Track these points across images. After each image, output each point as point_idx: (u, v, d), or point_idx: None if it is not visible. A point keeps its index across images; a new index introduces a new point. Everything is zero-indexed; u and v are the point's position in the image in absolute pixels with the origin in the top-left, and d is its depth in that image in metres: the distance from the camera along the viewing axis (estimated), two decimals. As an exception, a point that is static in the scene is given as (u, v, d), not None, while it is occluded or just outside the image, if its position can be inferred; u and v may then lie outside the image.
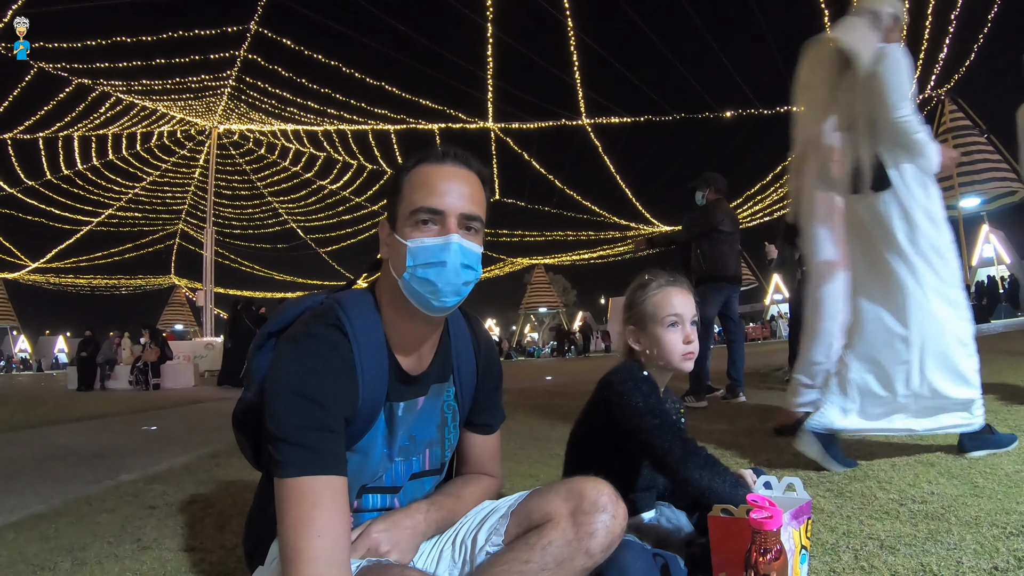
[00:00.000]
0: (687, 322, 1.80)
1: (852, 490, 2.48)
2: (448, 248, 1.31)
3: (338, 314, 1.36)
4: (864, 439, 3.39)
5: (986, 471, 2.53)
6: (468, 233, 1.35)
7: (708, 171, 6.75)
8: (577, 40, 25.34)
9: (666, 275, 1.88)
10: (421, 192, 1.34)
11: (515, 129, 32.50)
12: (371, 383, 1.35)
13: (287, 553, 1.17)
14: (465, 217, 1.34)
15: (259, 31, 26.36)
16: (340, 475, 1.24)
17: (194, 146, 41.46)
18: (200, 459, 4.60)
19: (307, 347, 1.30)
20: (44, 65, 25.53)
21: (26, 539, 2.70)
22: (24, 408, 10.72)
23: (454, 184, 1.35)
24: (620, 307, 2.03)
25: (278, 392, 1.25)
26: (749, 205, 35.94)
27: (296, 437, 1.21)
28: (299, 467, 1.20)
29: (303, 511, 1.18)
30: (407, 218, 1.34)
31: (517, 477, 3.28)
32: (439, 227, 1.33)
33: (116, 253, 45.40)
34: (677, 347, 1.79)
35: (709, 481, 1.55)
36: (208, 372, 24.29)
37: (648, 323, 1.83)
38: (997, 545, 1.75)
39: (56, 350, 56.59)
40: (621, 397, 1.76)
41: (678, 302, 1.81)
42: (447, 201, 1.33)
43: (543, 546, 1.32)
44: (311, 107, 31.35)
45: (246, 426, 1.48)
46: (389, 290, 1.40)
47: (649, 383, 1.77)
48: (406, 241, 1.33)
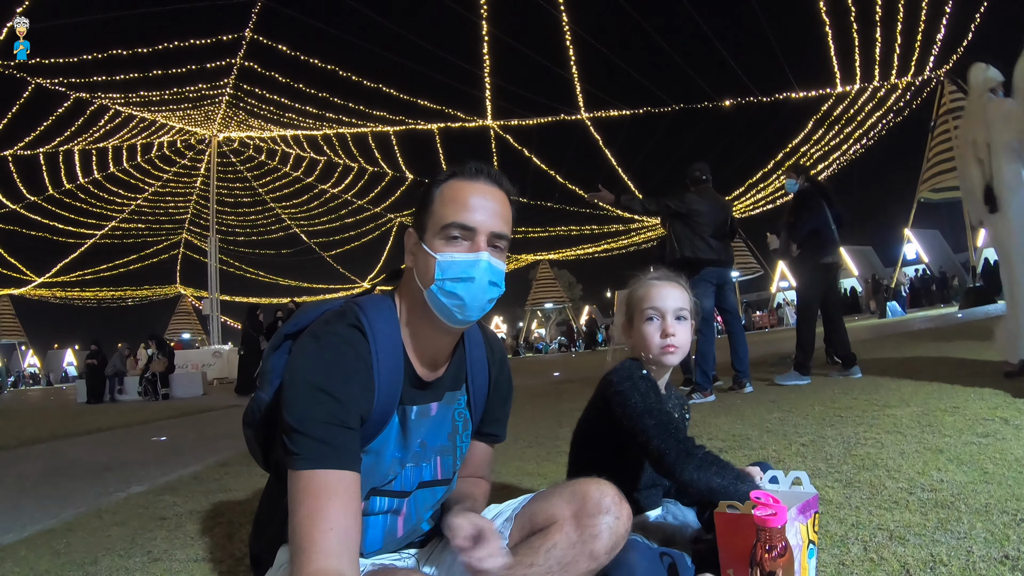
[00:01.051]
0: (668, 315, 1.79)
1: (861, 480, 2.46)
2: (477, 265, 1.33)
3: (359, 315, 1.37)
4: (876, 428, 3.38)
5: (995, 456, 2.51)
6: (495, 251, 1.37)
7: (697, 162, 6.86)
8: (573, 34, 25.28)
9: (659, 271, 1.89)
10: (453, 207, 1.35)
11: (514, 126, 32.46)
12: (387, 385, 1.35)
13: (298, 544, 1.17)
14: (495, 236, 1.36)
15: (254, 38, 26.45)
16: (354, 471, 1.25)
17: (194, 155, 41.65)
18: (209, 468, 4.62)
19: (328, 343, 1.31)
20: (42, 80, 25.63)
21: (37, 555, 2.71)
22: (34, 423, 10.77)
23: (486, 202, 1.36)
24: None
25: (297, 385, 1.26)
26: (752, 193, 35.80)
27: (313, 430, 1.22)
28: (314, 460, 1.21)
29: (317, 503, 1.18)
30: (437, 231, 1.35)
31: (524, 476, 3.28)
32: (469, 243, 1.34)
33: (121, 265, 45.48)
34: (654, 340, 1.78)
35: (707, 481, 1.54)
36: (217, 380, 24.41)
37: (634, 317, 1.86)
38: (1008, 533, 1.74)
39: (65, 364, 56.79)
40: (620, 396, 1.75)
41: (657, 295, 1.82)
42: (478, 218, 1.34)
43: (547, 549, 1.32)
44: (309, 112, 31.41)
45: (256, 425, 1.50)
46: (411, 298, 1.41)
47: (648, 381, 1.76)
48: (436, 254, 1.34)
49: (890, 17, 22.79)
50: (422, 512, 1.53)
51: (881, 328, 15.72)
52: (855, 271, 40.34)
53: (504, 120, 31.85)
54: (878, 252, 42.49)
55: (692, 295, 1.88)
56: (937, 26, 23.65)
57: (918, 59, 25.35)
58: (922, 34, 23.71)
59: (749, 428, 3.92)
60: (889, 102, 27.82)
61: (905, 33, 23.52)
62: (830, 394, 4.82)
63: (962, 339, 8.32)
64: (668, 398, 1.88)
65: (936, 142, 28.42)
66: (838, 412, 3.98)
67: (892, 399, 4.15)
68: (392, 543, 1.52)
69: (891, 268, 37.44)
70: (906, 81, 26.79)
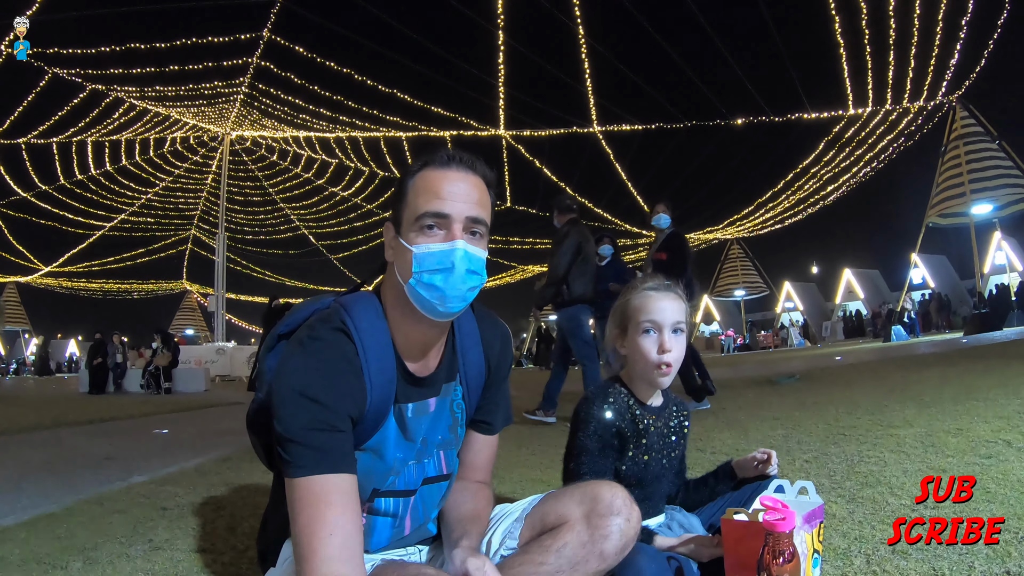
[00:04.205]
0: (665, 329, 1.72)
1: (864, 496, 2.46)
2: (453, 254, 1.31)
3: (343, 317, 1.37)
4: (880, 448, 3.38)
5: (998, 477, 2.51)
6: (473, 238, 1.35)
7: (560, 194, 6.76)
8: (588, 48, 25.35)
9: (656, 280, 1.81)
10: (426, 196, 1.34)
11: (526, 136, 32.48)
12: (378, 385, 1.35)
13: (301, 552, 1.18)
14: (471, 221, 1.34)
15: (272, 38, 26.53)
16: (349, 473, 1.26)
17: (207, 152, 41.71)
18: (212, 462, 4.63)
19: (311, 349, 1.31)
20: (58, 71, 25.75)
21: (38, 538, 2.72)
22: (36, 410, 10.78)
23: (460, 188, 1.34)
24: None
25: (283, 394, 1.27)
26: (760, 213, 35.77)
27: (303, 437, 1.23)
28: (308, 467, 1.22)
29: (315, 511, 1.19)
30: (412, 223, 1.34)
31: (529, 483, 3.28)
32: (444, 232, 1.32)
33: (128, 258, 45.58)
34: (651, 355, 1.71)
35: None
36: (219, 377, 24.40)
37: (628, 327, 1.79)
38: (1009, 550, 1.74)
39: (67, 353, 56.84)
40: (573, 426, 1.78)
41: (655, 307, 1.73)
42: (452, 206, 1.32)
43: (557, 548, 1.32)
44: (323, 114, 31.46)
45: (259, 427, 1.50)
46: (394, 294, 1.40)
47: (603, 422, 1.73)
48: (411, 247, 1.32)
49: (904, 41, 22.77)
50: (429, 510, 1.53)
51: (885, 352, 15.68)
52: (861, 294, 40.22)
53: (517, 130, 31.91)
54: (884, 276, 42.32)
55: (688, 305, 1.83)
56: (951, 51, 23.66)
57: (931, 84, 25.34)
58: (935, 59, 23.70)
59: (752, 444, 3.91)
60: (900, 126, 27.77)
61: (919, 57, 23.50)
62: (834, 413, 4.81)
63: (967, 362, 8.30)
64: (663, 409, 1.85)
65: (946, 167, 28.39)
66: (841, 431, 3.97)
67: (896, 419, 4.14)
68: (400, 542, 1.52)
69: (897, 292, 37.34)
70: (918, 106, 26.76)
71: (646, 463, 1.76)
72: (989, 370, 6.94)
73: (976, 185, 26.89)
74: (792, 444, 3.72)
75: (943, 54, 23.73)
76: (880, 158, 29.59)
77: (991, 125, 28.17)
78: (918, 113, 27.48)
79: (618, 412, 1.75)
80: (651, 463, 1.77)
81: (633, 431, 1.75)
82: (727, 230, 40.85)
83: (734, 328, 45.38)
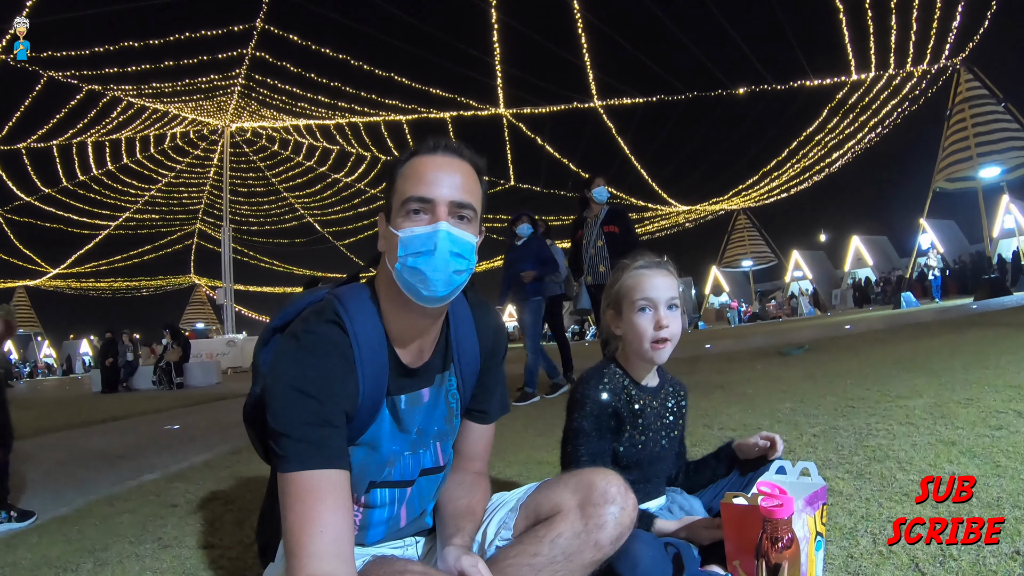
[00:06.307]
0: (661, 306, 1.71)
1: (871, 471, 2.44)
2: (436, 236, 1.29)
3: (336, 309, 1.36)
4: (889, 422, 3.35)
5: (1008, 450, 2.48)
6: (460, 222, 1.34)
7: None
8: (584, 21, 25.14)
9: (648, 258, 1.80)
10: (411, 182, 1.33)
11: (527, 114, 32.34)
12: (371, 378, 1.35)
13: (291, 548, 1.18)
14: (456, 205, 1.33)
15: (266, 28, 26.48)
16: (342, 469, 1.25)
17: (208, 146, 41.82)
18: (221, 456, 4.66)
19: (305, 344, 1.30)
20: (54, 73, 25.76)
21: (49, 541, 2.75)
22: (49, 412, 10.88)
23: (444, 173, 1.34)
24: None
25: (277, 388, 1.26)
26: (766, 182, 35.54)
27: (296, 432, 1.22)
28: (300, 461, 1.21)
29: (306, 506, 1.19)
30: (399, 209, 1.33)
31: (535, 464, 3.28)
32: (429, 216, 1.31)
33: (135, 255, 45.78)
34: (647, 332, 1.70)
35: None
36: (231, 369, 24.58)
37: (623, 307, 1.77)
38: (1019, 528, 1.71)
39: (80, 353, 57.35)
40: (569, 409, 1.77)
41: (650, 284, 1.72)
42: (436, 190, 1.32)
43: (552, 539, 1.31)
44: (322, 101, 31.44)
45: (255, 421, 1.49)
46: (386, 282, 1.39)
47: (598, 403, 1.72)
48: (397, 232, 1.32)
49: (906, 4, 22.49)
50: (425, 501, 1.52)
51: (895, 319, 15.60)
52: (870, 261, 39.99)
53: (517, 108, 31.76)
54: (892, 242, 42.03)
55: (680, 282, 1.81)
56: (953, 14, 23.35)
57: (934, 47, 25.03)
58: (938, 21, 23.42)
59: (760, 418, 3.89)
60: (904, 90, 27.48)
61: (921, 20, 23.22)
62: (842, 385, 4.78)
63: (977, 329, 8.24)
64: (659, 390, 1.83)
65: (952, 131, 28.10)
66: (850, 403, 3.94)
67: (905, 390, 4.10)
68: (396, 533, 1.52)
69: (906, 258, 37.09)
70: (922, 69, 26.45)
71: (643, 443, 1.74)
72: (1000, 338, 6.88)
73: (983, 148, 26.63)
74: (800, 418, 3.70)
75: (945, 16, 23.46)
76: (885, 123, 29.34)
77: (996, 87, 27.83)
78: (922, 77, 27.19)
79: (614, 392, 1.74)
80: (649, 444, 1.75)
81: (629, 412, 1.74)
82: (733, 200, 40.60)
83: (742, 298, 45.10)
